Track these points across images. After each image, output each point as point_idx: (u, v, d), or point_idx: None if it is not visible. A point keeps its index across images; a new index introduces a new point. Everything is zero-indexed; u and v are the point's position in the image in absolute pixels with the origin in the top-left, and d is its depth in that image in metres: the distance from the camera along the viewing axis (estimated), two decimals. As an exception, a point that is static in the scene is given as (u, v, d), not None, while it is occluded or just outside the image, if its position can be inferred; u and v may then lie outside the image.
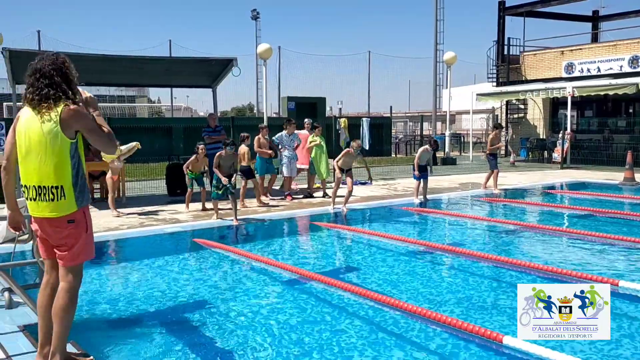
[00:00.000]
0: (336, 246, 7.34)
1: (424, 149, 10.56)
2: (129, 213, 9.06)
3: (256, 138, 10.64)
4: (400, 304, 4.46)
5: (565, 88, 18.58)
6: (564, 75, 20.86)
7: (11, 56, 9.78)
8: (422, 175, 10.39)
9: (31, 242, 4.39)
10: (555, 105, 22.13)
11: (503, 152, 22.23)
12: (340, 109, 28.53)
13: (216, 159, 8.28)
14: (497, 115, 21.44)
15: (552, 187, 12.86)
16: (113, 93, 40.50)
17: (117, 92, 40.55)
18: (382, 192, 11.82)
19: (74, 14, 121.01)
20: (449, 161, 19.96)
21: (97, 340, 3.93)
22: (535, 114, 22.77)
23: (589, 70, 20.19)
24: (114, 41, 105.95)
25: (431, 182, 11.05)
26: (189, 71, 13.43)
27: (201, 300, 4.88)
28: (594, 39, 24.95)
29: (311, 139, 11.21)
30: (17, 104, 9.58)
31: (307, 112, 21.92)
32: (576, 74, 20.46)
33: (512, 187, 12.48)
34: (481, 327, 3.89)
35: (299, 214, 9.29)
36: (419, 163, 10.33)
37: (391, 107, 31.36)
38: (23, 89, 3.50)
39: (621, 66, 19.22)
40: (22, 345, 3.64)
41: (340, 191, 9.60)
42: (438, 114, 28.45)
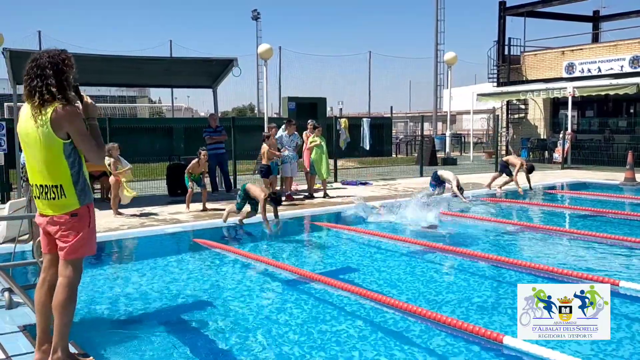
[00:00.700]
0: (336, 246, 7.33)
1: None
2: (129, 214, 9.06)
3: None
4: (401, 304, 4.46)
5: (565, 88, 18.58)
6: (564, 75, 20.83)
7: (12, 56, 9.80)
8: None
9: (31, 242, 4.39)
10: (555, 106, 22.11)
11: (504, 153, 22.22)
12: (341, 109, 28.55)
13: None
14: (497, 116, 21.36)
15: (553, 187, 12.85)
16: (114, 93, 40.51)
17: (118, 92, 40.54)
18: (382, 193, 11.82)
19: (74, 14, 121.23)
20: (449, 161, 19.95)
21: (97, 340, 3.93)
22: (536, 114, 22.75)
23: (589, 71, 20.16)
24: (115, 41, 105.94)
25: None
26: (189, 71, 13.44)
27: (201, 301, 4.88)
28: (595, 39, 24.93)
29: (311, 139, 11.21)
30: (18, 104, 9.59)
31: (308, 112, 21.89)
32: (577, 74, 20.44)
33: (513, 188, 12.47)
34: (481, 327, 3.88)
35: (299, 215, 9.29)
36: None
37: (391, 107, 31.45)
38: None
39: (622, 66, 19.19)
40: (22, 345, 3.64)
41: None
42: (439, 114, 28.45)
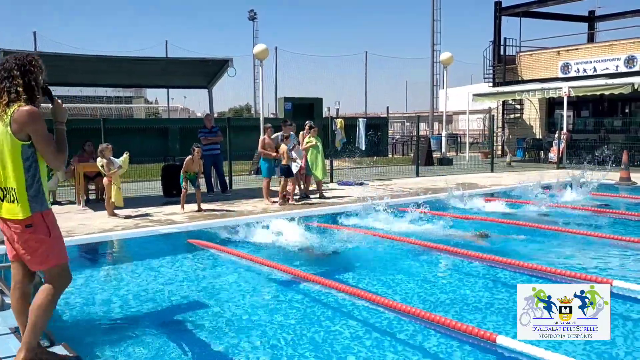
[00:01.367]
0: (331, 246, 7.31)
1: None
2: (124, 215, 9.03)
3: (260, 139, 10.62)
4: (398, 305, 4.45)
5: (561, 88, 18.63)
6: (560, 75, 20.89)
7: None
8: None
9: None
10: (551, 105, 22.17)
11: (500, 153, 22.27)
12: (338, 109, 28.50)
13: None
14: (493, 116, 21.40)
15: (548, 187, 12.85)
16: (110, 94, 40.44)
17: (114, 92, 40.49)
18: (378, 193, 11.80)
19: (70, 14, 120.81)
20: (445, 161, 19.95)
21: (91, 341, 3.90)
22: (532, 114, 22.81)
23: (585, 70, 20.22)
24: (110, 42, 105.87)
25: (427, 182, 11.01)
26: (184, 72, 13.41)
27: (196, 301, 4.86)
28: (590, 39, 25.01)
29: (307, 139, 11.19)
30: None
31: (304, 112, 21.87)
32: (572, 74, 20.50)
33: (510, 187, 12.50)
34: (475, 327, 3.88)
35: (295, 215, 9.25)
36: None
37: (388, 107, 31.41)
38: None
39: (617, 66, 19.25)
40: (12, 347, 3.61)
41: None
42: (435, 114, 28.51)
